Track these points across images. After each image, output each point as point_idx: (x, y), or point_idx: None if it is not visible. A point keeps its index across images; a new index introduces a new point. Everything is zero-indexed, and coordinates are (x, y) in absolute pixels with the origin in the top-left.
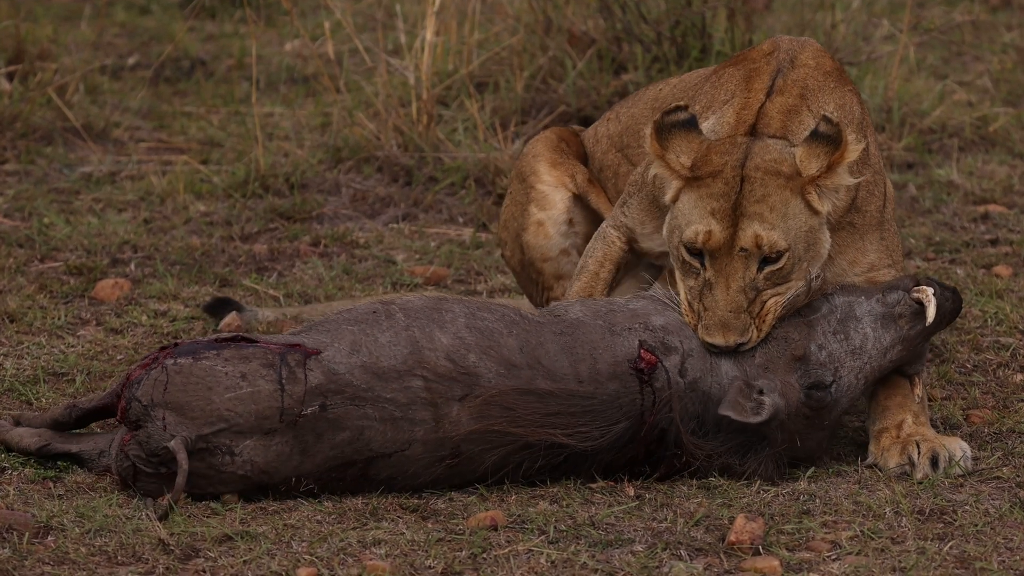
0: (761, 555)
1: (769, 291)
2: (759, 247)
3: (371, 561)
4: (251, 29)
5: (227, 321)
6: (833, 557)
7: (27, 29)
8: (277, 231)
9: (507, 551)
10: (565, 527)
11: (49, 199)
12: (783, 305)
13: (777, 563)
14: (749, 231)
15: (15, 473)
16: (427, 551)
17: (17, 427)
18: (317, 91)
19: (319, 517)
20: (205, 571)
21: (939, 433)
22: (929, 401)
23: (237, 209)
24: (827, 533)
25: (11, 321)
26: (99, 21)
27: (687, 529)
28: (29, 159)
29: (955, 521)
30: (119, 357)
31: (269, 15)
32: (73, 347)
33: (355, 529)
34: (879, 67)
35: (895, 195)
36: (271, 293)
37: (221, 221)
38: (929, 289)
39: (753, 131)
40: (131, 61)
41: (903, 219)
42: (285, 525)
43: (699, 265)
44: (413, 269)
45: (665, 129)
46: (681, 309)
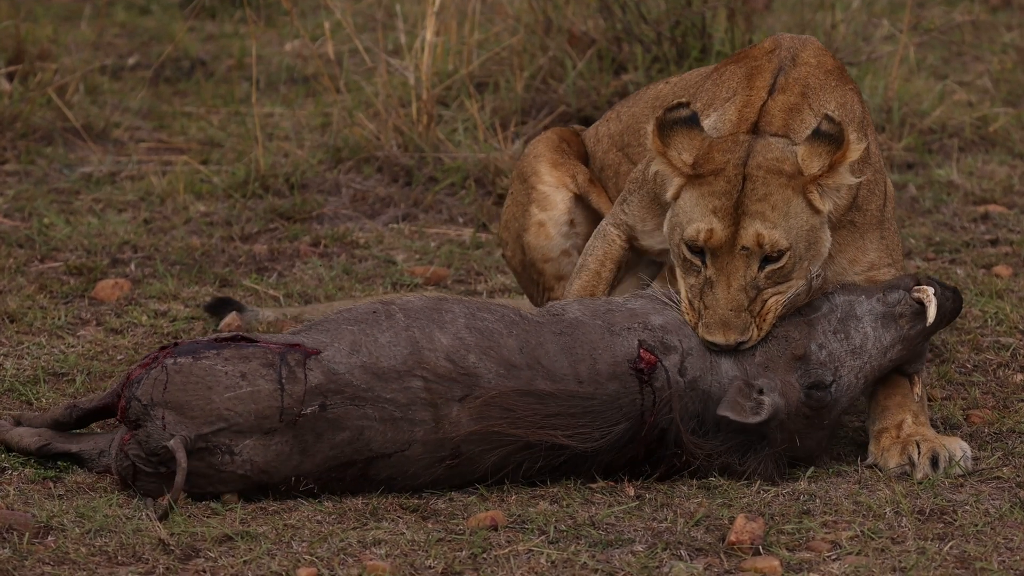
0: (761, 555)
1: (770, 290)
2: (760, 246)
3: (371, 561)
4: (251, 29)
5: (227, 321)
6: (833, 557)
7: (27, 29)
8: (277, 231)
9: (507, 551)
10: (565, 527)
11: (49, 199)
12: (784, 304)
13: (777, 563)
14: (751, 230)
15: (15, 473)
16: (427, 551)
17: (17, 427)
18: (317, 91)
19: (319, 517)
20: (205, 571)
21: (939, 433)
22: (929, 401)
23: (237, 209)
24: (827, 533)
25: (11, 321)
26: (99, 21)
27: (687, 529)
28: (29, 159)
29: (955, 521)
30: (119, 357)
31: (269, 15)
32: (73, 347)
33: (355, 529)
34: (879, 67)
35: (895, 195)
36: (271, 293)
37: (221, 221)
38: (930, 289)
39: (755, 129)
40: (131, 61)
41: (903, 219)
42: (285, 525)
43: (700, 263)
44: (413, 269)
45: (667, 126)
46: (681, 307)
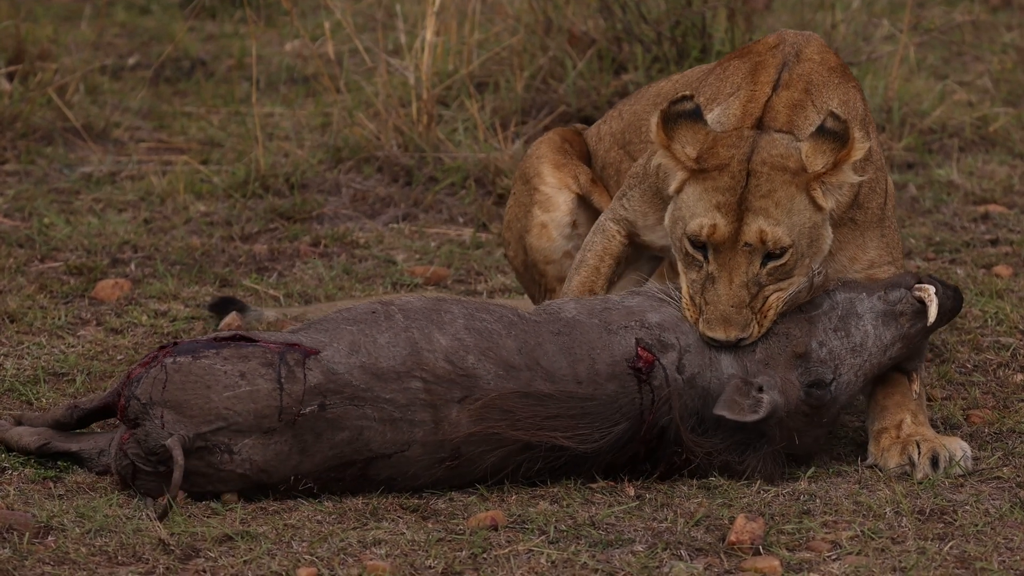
0: (761, 555)
1: (771, 287)
2: (763, 243)
3: (371, 561)
4: (251, 29)
5: (227, 321)
6: (833, 557)
7: (27, 29)
8: (277, 231)
9: (507, 551)
10: (565, 527)
11: (49, 199)
12: (785, 301)
13: (777, 563)
14: (754, 226)
15: (15, 473)
16: (427, 551)
17: (17, 426)
18: (317, 91)
19: (319, 517)
20: (205, 571)
21: (939, 433)
22: (929, 401)
23: (237, 209)
24: (827, 533)
25: (11, 321)
26: (99, 21)
27: (687, 529)
28: (29, 159)
29: (955, 521)
30: (119, 357)
31: (269, 15)
32: (73, 347)
33: (355, 529)
34: (879, 67)
35: (895, 194)
36: (271, 293)
37: (221, 221)
38: (931, 288)
39: (759, 124)
40: (131, 61)
41: (903, 219)
42: (285, 525)
43: (702, 258)
44: (413, 269)
45: (671, 119)
46: (682, 303)
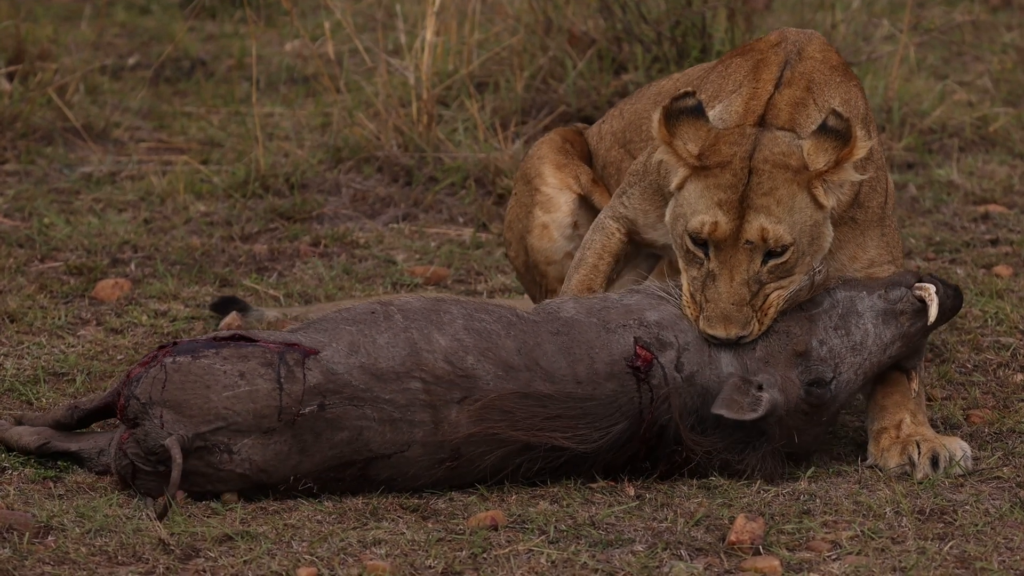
0: (761, 555)
1: (772, 284)
2: (765, 240)
3: (371, 561)
4: (251, 29)
5: (227, 321)
6: (833, 557)
7: (27, 29)
8: (277, 231)
9: (507, 551)
10: (565, 527)
11: (49, 199)
12: (785, 299)
13: (777, 563)
14: (755, 224)
15: (15, 473)
16: (427, 551)
17: (17, 426)
18: (317, 91)
19: (319, 517)
20: (205, 571)
21: (939, 433)
22: (929, 401)
23: (237, 209)
24: (827, 533)
25: (11, 321)
26: (99, 21)
27: (687, 529)
28: (29, 159)
29: (955, 521)
30: (119, 357)
31: (269, 15)
32: (73, 347)
33: (355, 529)
34: (879, 67)
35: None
36: (271, 293)
37: (221, 221)
38: (932, 287)
39: (762, 122)
40: (131, 61)
41: (903, 219)
42: (285, 525)
43: (703, 255)
44: (413, 269)
45: (674, 115)
46: (682, 301)
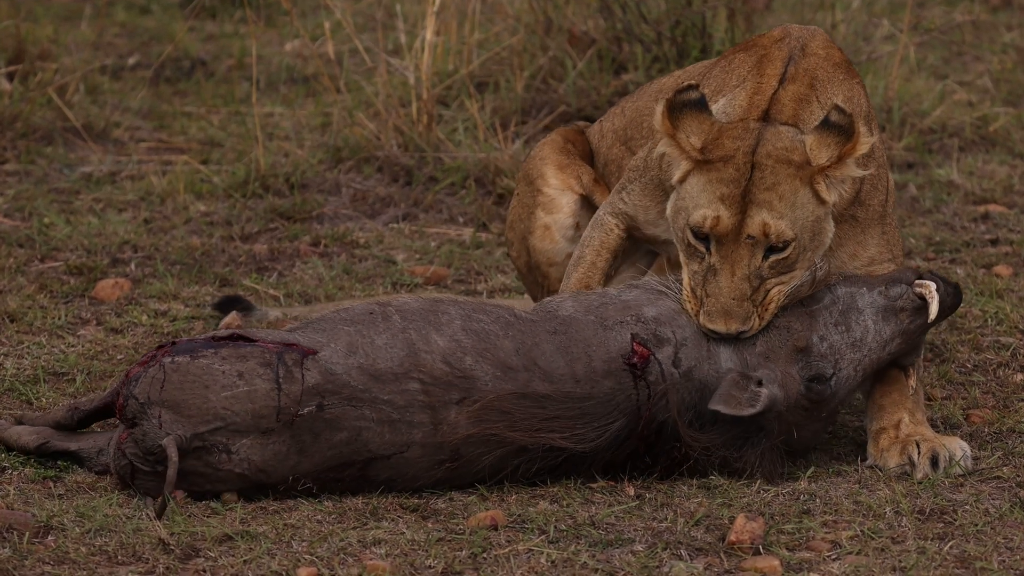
0: (761, 555)
1: (773, 280)
2: (766, 235)
3: (371, 561)
4: (251, 29)
5: (227, 320)
6: (833, 557)
7: (27, 29)
8: (277, 231)
9: (507, 551)
10: (565, 527)
11: (49, 199)
12: (786, 294)
13: (777, 563)
14: (757, 219)
15: (15, 473)
16: (427, 551)
17: (17, 425)
18: (317, 91)
19: (319, 517)
20: (205, 571)
21: (939, 433)
22: (929, 401)
23: (237, 209)
24: (827, 533)
25: (11, 321)
26: (99, 21)
27: (687, 529)
28: (29, 159)
29: (955, 521)
30: (119, 357)
31: (269, 15)
32: (73, 347)
33: (355, 529)
34: (879, 67)
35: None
36: (271, 293)
37: (221, 221)
38: (932, 284)
39: (765, 116)
40: (131, 61)
41: (903, 219)
42: (285, 525)
43: (704, 249)
44: (413, 269)
45: (677, 108)
46: (683, 295)
